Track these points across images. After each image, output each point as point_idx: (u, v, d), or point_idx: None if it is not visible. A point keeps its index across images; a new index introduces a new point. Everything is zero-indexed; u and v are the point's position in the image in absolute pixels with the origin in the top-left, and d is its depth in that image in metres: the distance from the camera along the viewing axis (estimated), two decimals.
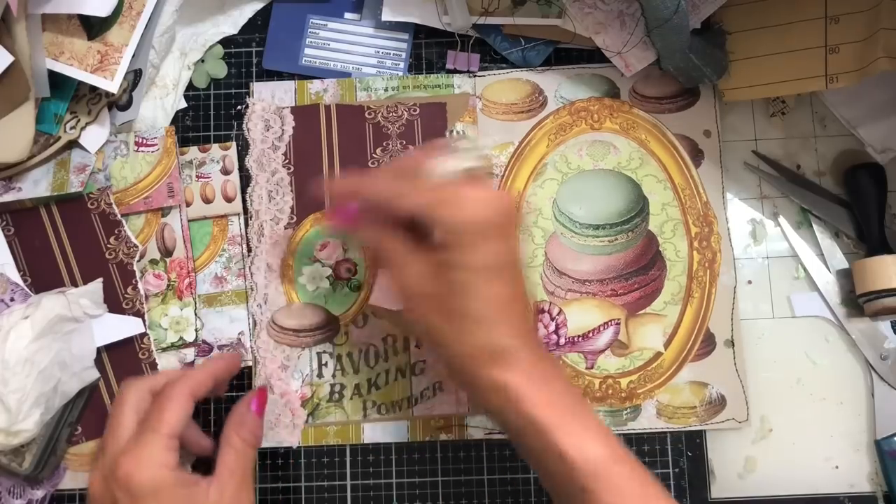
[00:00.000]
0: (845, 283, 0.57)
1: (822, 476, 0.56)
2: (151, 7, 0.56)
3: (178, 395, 0.46)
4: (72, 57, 0.55)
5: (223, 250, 0.58)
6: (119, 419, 0.46)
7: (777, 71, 0.55)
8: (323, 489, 0.57)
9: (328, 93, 0.60)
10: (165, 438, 0.44)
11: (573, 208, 0.58)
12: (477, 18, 0.58)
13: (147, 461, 0.43)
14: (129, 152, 0.58)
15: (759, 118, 0.60)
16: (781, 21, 0.55)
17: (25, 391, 0.50)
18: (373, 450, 0.57)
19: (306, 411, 0.57)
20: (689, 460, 0.56)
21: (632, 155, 0.59)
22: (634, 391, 0.57)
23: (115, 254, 0.57)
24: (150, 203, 0.58)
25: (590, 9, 0.58)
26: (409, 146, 0.59)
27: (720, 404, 0.56)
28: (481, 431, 0.57)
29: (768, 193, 0.59)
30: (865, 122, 0.57)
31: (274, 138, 0.59)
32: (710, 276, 0.58)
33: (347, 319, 0.58)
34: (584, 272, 0.58)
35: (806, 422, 0.56)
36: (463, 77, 0.60)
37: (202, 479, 0.44)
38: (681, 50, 0.54)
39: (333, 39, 0.61)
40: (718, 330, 0.57)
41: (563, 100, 0.60)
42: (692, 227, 0.58)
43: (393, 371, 0.57)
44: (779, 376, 0.57)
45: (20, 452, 0.52)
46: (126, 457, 0.43)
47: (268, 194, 0.59)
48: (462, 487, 0.56)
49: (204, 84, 0.61)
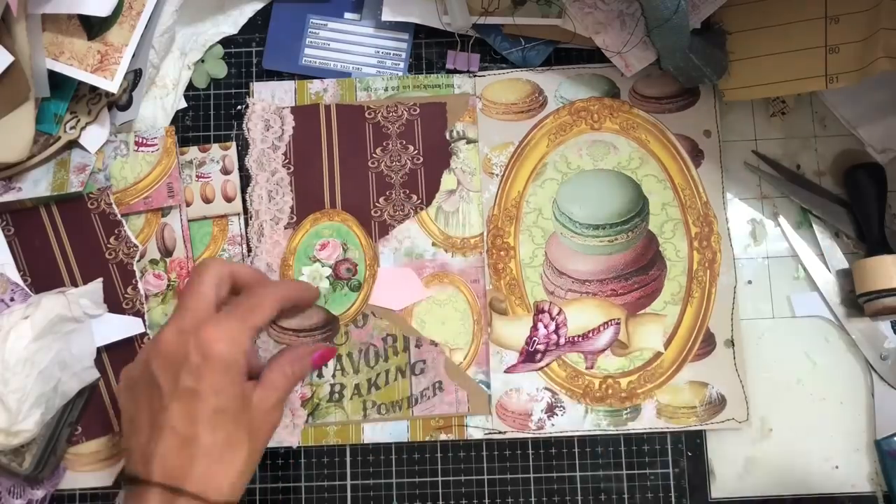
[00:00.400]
0: (845, 282, 0.57)
1: (822, 476, 0.56)
2: (151, 7, 0.56)
3: (271, 297, 0.47)
4: (72, 57, 0.55)
5: (223, 250, 0.58)
6: (201, 288, 0.46)
7: (777, 71, 0.55)
8: (323, 489, 0.57)
9: (328, 93, 0.60)
10: (252, 329, 0.45)
11: (573, 208, 0.58)
12: (477, 18, 0.58)
13: (231, 338, 0.44)
14: (129, 152, 0.58)
15: (759, 118, 0.60)
16: (781, 21, 0.55)
17: (25, 391, 0.50)
18: (373, 450, 0.57)
19: (306, 411, 0.57)
20: (689, 460, 0.56)
21: (632, 155, 0.59)
22: (634, 391, 0.57)
23: (115, 254, 0.57)
24: (150, 203, 0.58)
25: (590, 9, 0.58)
26: (409, 146, 0.59)
27: (720, 404, 0.56)
28: (481, 431, 0.57)
29: (768, 193, 0.59)
30: (865, 122, 0.57)
31: (274, 138, 0.59)
32: (710, 276, 0.58)
33: (347, 319, 0.58)
34: (584, 272, 0.58)
35: (806, 422, 0.56)
36: (463, 77, 0.60)
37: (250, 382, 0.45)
38: (681, 50, 0.54)
39: (333, 39, 0.61)
40: (718, 330, 0.57)
41: (563, 100, 0.60)
42: (692, 227, 0.58)
43: (393, 371, 0.57)
44: (779, 376, 0.57)
45: (20, 452, 0.52)
46: (216, 325, 0.44)
47: (268, 194, 0.59)
48: (462, 487, 0.56)
49: (204, 84, 0.61)
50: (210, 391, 0.42)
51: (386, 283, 0.58)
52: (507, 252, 0.58)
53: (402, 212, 0.59)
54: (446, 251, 0.58)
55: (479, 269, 0.58)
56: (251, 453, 0.44)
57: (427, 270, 0.58)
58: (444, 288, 0.58)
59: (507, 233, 0.58)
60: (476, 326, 0.58)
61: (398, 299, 0.58)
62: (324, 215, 0.59)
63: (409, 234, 0.59)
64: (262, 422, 0.45)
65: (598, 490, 0.56)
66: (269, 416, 0.46)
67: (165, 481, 0.42)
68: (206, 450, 0.42)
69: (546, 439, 0.57)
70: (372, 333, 0.58)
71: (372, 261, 0.58)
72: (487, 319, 0.58)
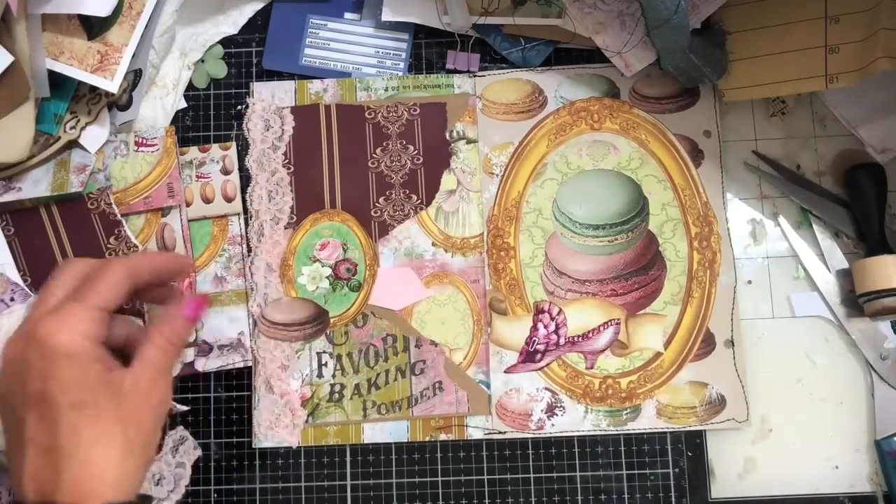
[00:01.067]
0: (845, 282, 0.57)
1: (822, 476, 0.56)
2: (151, 7, 0.56)
3: (112, 270, 0.42)
4: (72, 57, 0.55)
5: (223, 250, 0.58)
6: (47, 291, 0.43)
7: (777, 71, 0.55)
8: (323, 489, 0.57)
9: (328, 93, 0.60)
10: (93, 310, 0.41)
11: (573, 208, 0.58)
12: (477, 18, 0.58)
13: (69, 326, 0.40)
14: (129, 152, 0.58)
15: (759, 118, 0.60)
16: (781, 21, 0.55)
17: None
18: (373, 450, 0.57)
19: (306, 411, 0.57)
20: (689, 460, 0.56)
21: (632, 155, 0.59)
22: (634, 391, 0.57)
23: (115, 254, 0.57)
24: (150, 203, 0.58)
25: (590, 9, 0.58)
26: (409, 146, 0.59)
27: (720, 404, 0.56)
28: (481, 431, 0.57)
29: (768, 193, 0.59)
30: (865, 122, 0.57)
31: (274, 138, 0.59)
32: (710, 276, 0.58)
33: (347, 319, 0.58)
34: (584, 272, 0.58)
35: (806, 422, 0.56)
36: (463, 77, 0.60)
37: (120, 367, 0.42)
38: (681, 50, 0.54)
39: (333, 39, 0.61)
40: (718, 330, 0.57)
41: (563, 100, 0.60)
42: (692, 227, 0.58)
43: (393, 371, 0.57)
44: (779, 376, 0.57)
45: None
46: (47, 319, 0.40)
47: (268, 194, 0.59)
48: (462, 487, 0.56)
49: (204, 84, 0.61)
50: (59, 390, 0.39)
51: (386, 283, 0.58)
52: (507, 252, 0.58)
53: (402, 212, 0.59)
54: (446, 251, 0.58)
55: (479, 269, 0.58)
56: (129, 443, 0.40)
57: (427, 270, 0.58)
58: (444, 288, 0.58)
59: (507, 233, 0.58)
60: (476, 326, 0.58)
61: (398, 299, 0.58)
62: (324, 215, 0.59)
63: (409, 234, 0.59)
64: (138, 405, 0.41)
65: (598, 490, 0.56)
66: (148, 397, 0.42)
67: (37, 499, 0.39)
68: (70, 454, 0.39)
69: (546, 439, 0.57)
70: (372, 333, 0.58)
71: (372, 261, 0.58)
72: (487, 319, 0.58)
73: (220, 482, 0.57)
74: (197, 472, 0.56)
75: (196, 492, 0.56)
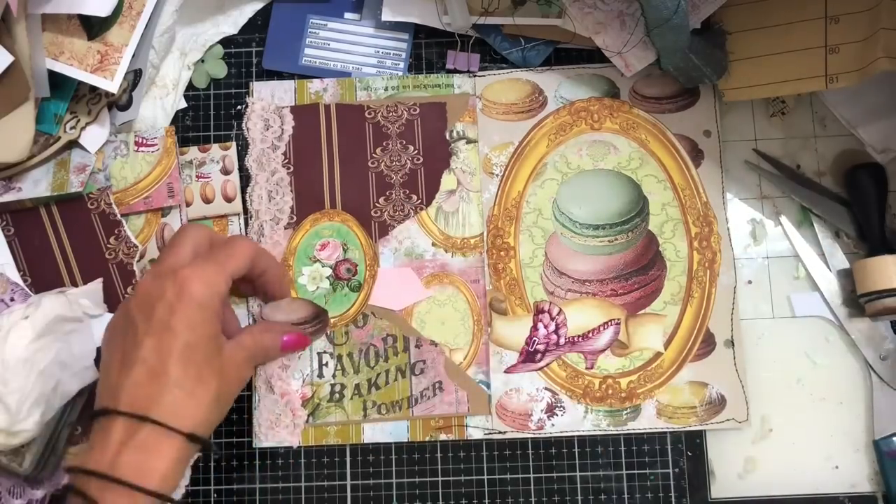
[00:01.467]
0: (846, 282, 0.57)
1: (822, 476, 0.56)
2: (151, 7, 0.56)
3: (245, 245, 0.49)
4: (72, 57, 0.55)
5: None
6: (179, 247, 0.48)
7: (777, 71, 0.55)
8: (323, 489, 0.57)
9: (328, 92, 0.60)
10: (227, 274, 0.47)
11: (573, 208, 0.58)
12: (477, 18, 0.58)
13: (208, 281, 0.46)
14: (129, 152, 0.58)
15: (759, 118, 0.60)
16: (781, 21, 0.55)
17: (25, 391, 0.49)
18: (373, 450, 0.57)
19: (306, 411, 0.57)
20: (689, 460, 0.56)
21: (632, 155, 0.59)
22: (634, 391, 0.57)
23: (115, 254, 0.57)
24: (150, 203, 0.58)
25: (590, 9, 0.58)
26: (409, 146, 0.59)
27: (720, 404, 0.56)
28: (481, 431, 0.57)
29: (768, 193, 0.59)
30: (865, 122, 0.57)
31: (274, 138, 0.59)
32: (710, 276, 0.58)
33: (347, 319, 0.58)
34: (584, 272, 0.58)
35: (806, 422, 0.56)
36: (463, 77, 0.60)
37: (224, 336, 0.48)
38: (681, 50, 0.54)
39: (333, 39, 0.61)
40: (718, 330, 0.57)
41: (563, 100, 0.60)
42: (692, 227, 0.58)
43: (393, 371, 0.57)
44: (779, 376, 0.57)
45: (20, 452, 0.52)
46: (192, 267, 0.46)
47: (268, 194, 0.59)
48: (462, 487, 0.56)
49: (204, 84, 0.61)
50: (183, 326, 0.44)
51: (386, 284, 0.58)
52: (507, 252, 0.58)
53: (402, 212, 0.59)
54: (446, 251, 0.58)
55: (479, 269, 0.58)
56: (220, 395, 0.46)
57: (427, 270, 0.58)
58: (444, 288, 0.58)
59: (507, 233, 0.58)
60: (476, 326, 0.58)
61: (398, 299, 0.58)
62: (324, 215, 0.59)
63: (409, 234, 0.59)
64: (232, 371, 0.47)
65: (598, 490, 0.56)
66: (240, 370, 0.48)
67: (131, 410, 0.43)
68: (176, 381, 0.43)
69: (546, 439, 0.57)
70: (372, 333, 0.58)
71: (372, 261, 0.58)
72: (487, 319, 0.58)
73: (220, 482, 0.57)
74: (197, 472, 0.56)
75: (196, 492, 0.56)
